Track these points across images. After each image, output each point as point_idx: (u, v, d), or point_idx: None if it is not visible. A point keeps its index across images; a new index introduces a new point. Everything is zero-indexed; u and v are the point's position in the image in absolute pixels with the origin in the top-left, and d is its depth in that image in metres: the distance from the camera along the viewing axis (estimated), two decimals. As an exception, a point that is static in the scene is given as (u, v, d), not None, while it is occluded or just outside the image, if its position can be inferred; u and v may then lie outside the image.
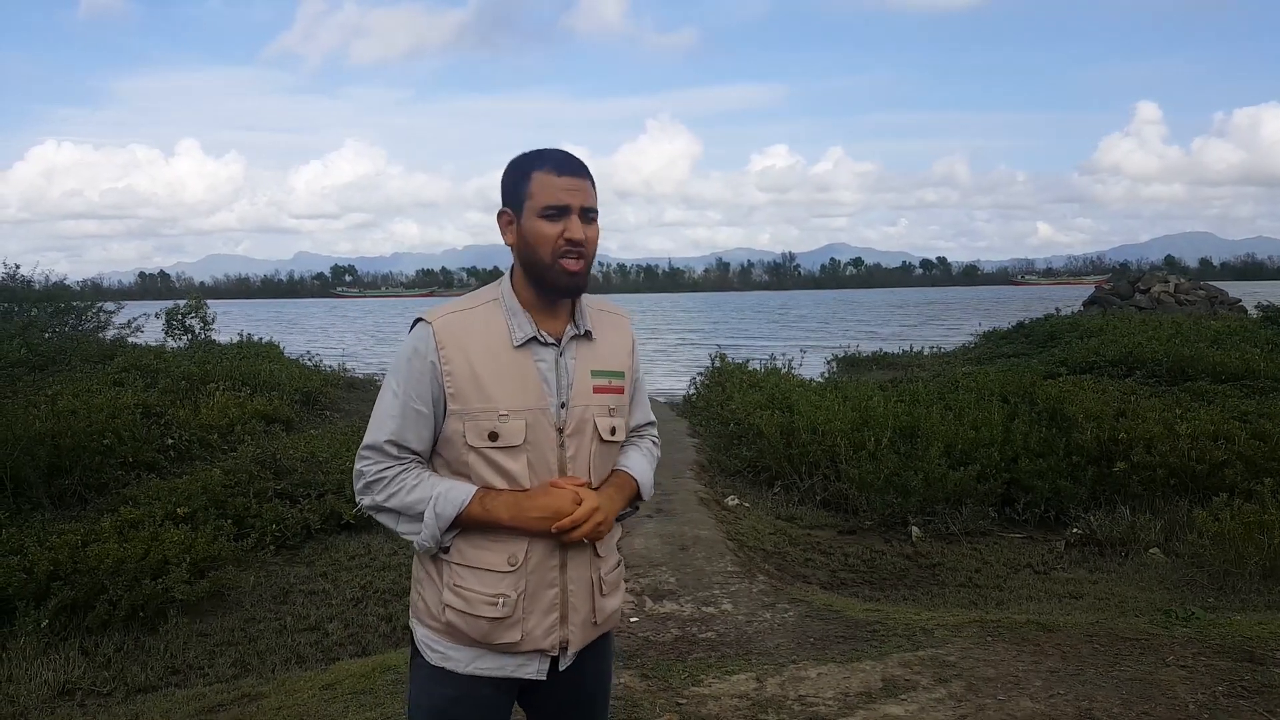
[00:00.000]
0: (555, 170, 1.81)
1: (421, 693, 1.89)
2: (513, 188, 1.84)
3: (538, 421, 1.81)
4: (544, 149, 1.87)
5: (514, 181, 1.84)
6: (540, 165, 1.82)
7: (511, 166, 1.86)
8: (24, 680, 4.76)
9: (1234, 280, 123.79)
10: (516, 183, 1.83)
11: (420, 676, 1.90)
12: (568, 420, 1.84)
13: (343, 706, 3.92)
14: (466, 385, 1.79)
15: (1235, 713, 3.44)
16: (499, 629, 1.81)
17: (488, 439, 1.79)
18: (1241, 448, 7.47)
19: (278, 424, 11.66)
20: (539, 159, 1.83)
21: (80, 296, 21.88)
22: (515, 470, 1.81)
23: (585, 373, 1.88)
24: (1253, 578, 5.59)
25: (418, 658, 1.91)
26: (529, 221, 1.81)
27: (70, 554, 5.73)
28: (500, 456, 1.80)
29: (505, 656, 1.85)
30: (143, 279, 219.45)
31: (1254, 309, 21.28)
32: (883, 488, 7.56)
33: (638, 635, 4.57)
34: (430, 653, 1.87)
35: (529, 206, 1.81)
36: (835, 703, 3.66)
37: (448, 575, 1.84)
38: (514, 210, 1.84)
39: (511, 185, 1.85)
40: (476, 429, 1.79)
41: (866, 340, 26.46)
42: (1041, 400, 9.25)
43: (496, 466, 1.80)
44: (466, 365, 1.79)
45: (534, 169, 1.82)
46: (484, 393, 1.79)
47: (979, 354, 19.90)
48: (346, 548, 7.09)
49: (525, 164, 1.84)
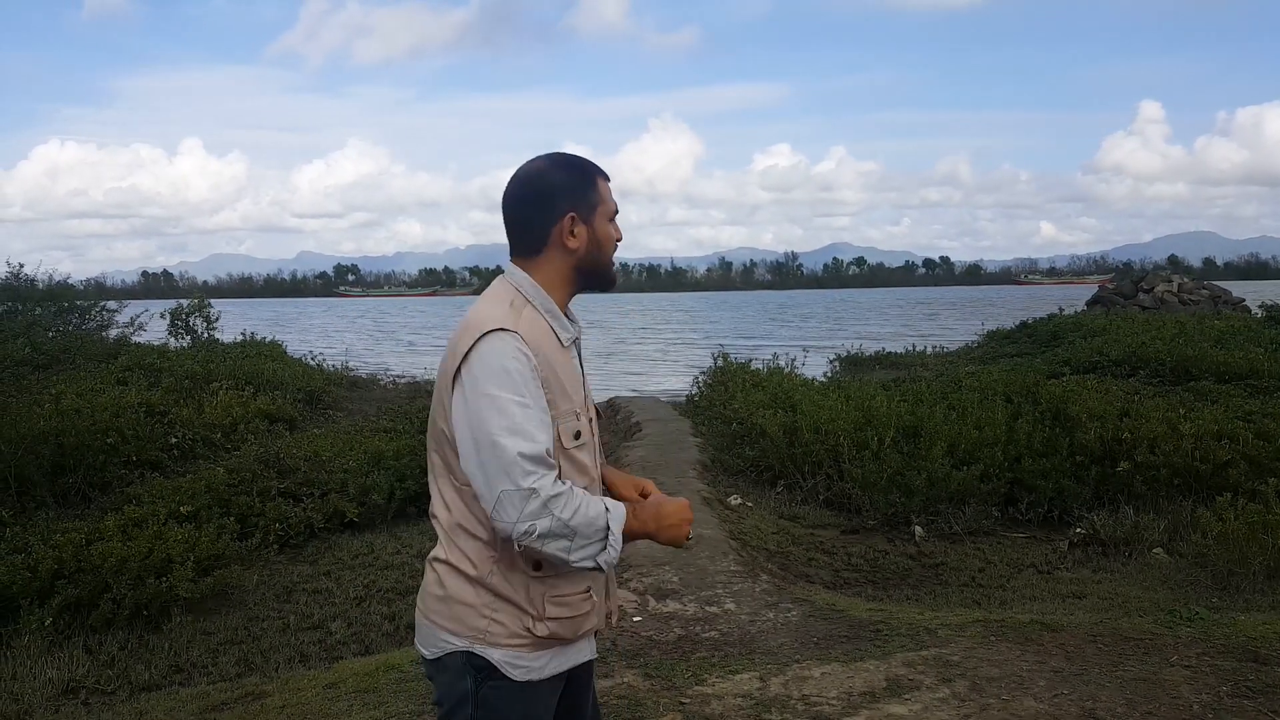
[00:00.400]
0: (606, 178, 1.95)
1: (503, 715, 1.83)
2: (581, 193, 1.89)
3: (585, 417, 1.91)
4: (583, 157, 1.96)
5: (583, 186, 1.90)
6: (599, 173, 1.93)
7: (574, 170, 1.91)
8: (28, 678, 4.77)
9: (1238, 280, 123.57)
10: (585, 188, 1.90)
11: (498, 701, 1.81)
12: (590, 412, 1.95)
13: (346, 705, 3.92)
14: (556, 388, 1.80)
15: (1240, 713, 3.44)
16: (589, 619, 1.89)
17: (574, 438, 1.83)
18: (1245, 448, 7.45)
19: (281, 423, 11.68)
20: (595, 167, 1.94)
21: (84, 296, 21.90)
22: (589, 465, 1.88)
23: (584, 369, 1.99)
24: (1257, 578, 5.58)
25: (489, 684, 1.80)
26: (601, 225, 1.91)
27: (74, 552, 5.75)
28: (582, 455, 1.85)
29: (575, 646, 1.90)
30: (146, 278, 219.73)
31: (1258, 309, 21.24)
32: (886, 487, 7.55)
33: (641, 634, 4.57)
34: (515, 670, 1.81)
35: (601, 211, 1.91)
36: (839, 702, 3.66)
37: (539, 590, 1.80)
38: (583, 214, 1.89)
39: (579, 190, 1.89)
40: (568, 430, 1.82)
41: (870, 340, 26.43)
42: (1045, 400, 9.24)
43: (578, 465, 1.84)
44: (551, 369, 1.80)
45: (597, 175, 1.92)
46: (566, 394, 1.83)
47: (982, 354, 19.89)
48: (349, 547, 7.10)
49: (589, 170, 1.92)
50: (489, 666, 1.80)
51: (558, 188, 1.87)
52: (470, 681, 1.81)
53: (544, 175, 1.89)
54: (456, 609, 1.81)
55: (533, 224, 1.88)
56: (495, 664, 1.80)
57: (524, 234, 1.90)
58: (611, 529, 1.73)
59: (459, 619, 1.81)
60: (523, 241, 1.90)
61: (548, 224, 1.87)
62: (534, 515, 1.66)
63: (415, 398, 15.24)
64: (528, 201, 1.89)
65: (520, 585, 1.79)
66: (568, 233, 1.87)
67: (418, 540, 7.11)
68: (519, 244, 1.91)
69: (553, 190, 1.87)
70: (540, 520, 1.66)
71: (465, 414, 1.72)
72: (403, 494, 7.86)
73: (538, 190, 1.88)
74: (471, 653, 1.80)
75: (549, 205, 1.87)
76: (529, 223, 1.88)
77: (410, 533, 7.39)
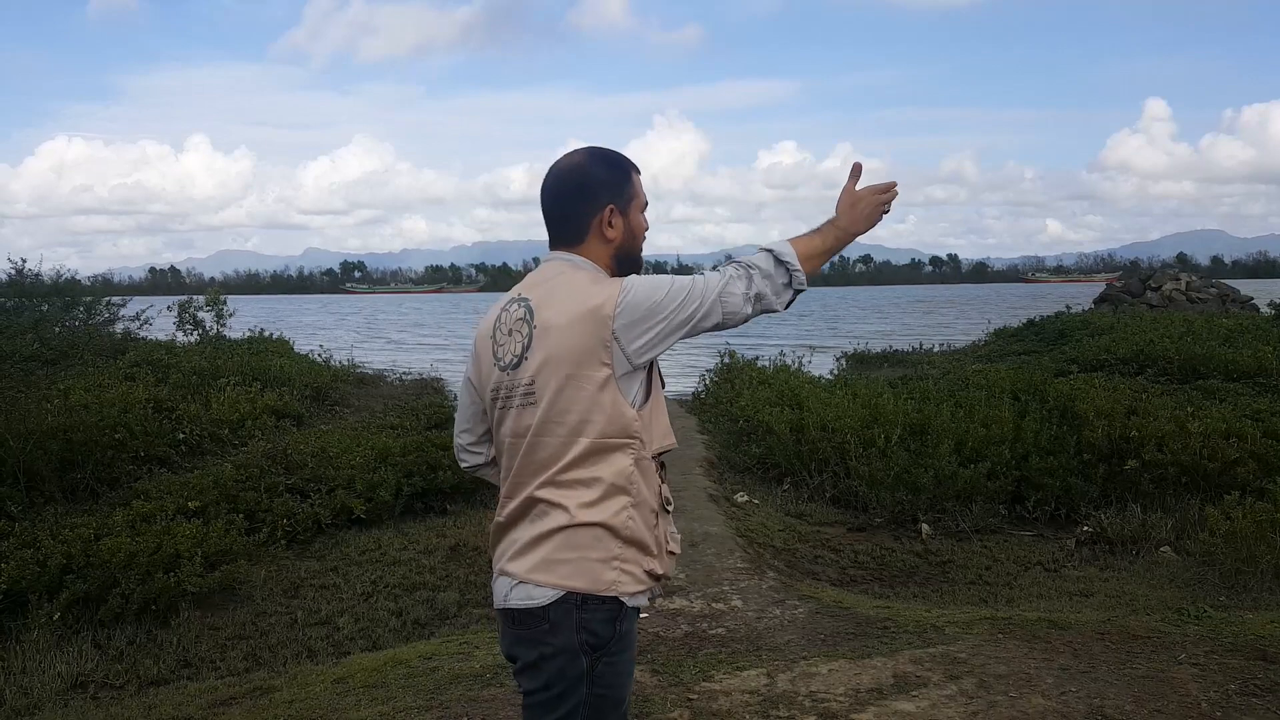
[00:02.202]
0: (638, 171, 2.09)
1: (614, 687, 1.93)
2: (620, 186, 2.04)
3: None
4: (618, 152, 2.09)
5: (620, 181, 2.05)
6: (634, 167, 2.08)
7: (612, 166, 2.05)
8: (37, 673, 4.79)
9: (1246, 278, 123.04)
10: (623, 182, 2.05)
11: (614, 671, 1.93)
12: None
13: (355, 700, 3.93)
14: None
15: (1248, 711, 3.43)
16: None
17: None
18: (1254, 446, 7.42)
19: (288, 419, 11.69)
20: (630, 162, 2.08)
21: (91, 292, 21.93)
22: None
23: None
24: (1265, 576, 5.56)
25: (610, 652, 1.91)
26: (637, 216, 2.07)
27: (83, 547, 5.76)
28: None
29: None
30: (154, 274, 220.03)
31: (1266, 307, 21.15)
32: (893, 485, 7.55)
33: (648, 631, 4.58)
34: (633, 610, 1.97)
35: (636, 203, 2.06)
36: (846, 699, 3.66)
37: (664, 526, 2.02)
38: (621, 206, 2.03)
39: (617, 184, 2.04)
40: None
41: (875, 339, 26.39)
42: (1052, 398, 9.22)
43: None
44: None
45: (633, 170, 2.08)
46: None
47: (989, 351, 19.83)
48: (357, 543, 7.11)
49: (626, 165, 2.07)
50: (615, 623, 1.93)
51: (598, 181, 2.01)
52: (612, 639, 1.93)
53: (584, 169, 2.01)
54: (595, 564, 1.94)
55: (574, 216, 2.00)
56: (633, 604, 1.97)
57: (565, 225, 2.02)
58: (787, 261, 1.98)
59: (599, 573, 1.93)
60: (564, 232, 2.02)
61: (588, 215, 2.00)
62: (749, 282, 1.96)
63: (423, 394, 15.26)
64: (569, 194, 2.01)
65: (649, 525, 1.97)
66: (606, 224, 2.00)
67: (424, 537, 7.12)
68: (560, 234, 2.03)
69: (593, 184, 2.00)
70: (754, 286, 1.96)
71: (666, 293, 1.92)
72: (410, 490, 7.87)
73: (578, 183, 2.01)
74: (611, 600, 1.93)
75: (590, 198, 2.00)
76: (570, 214, 2.01)
77: (417, 529, 7.40)
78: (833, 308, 67.73)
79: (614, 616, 1.89)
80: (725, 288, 1.94)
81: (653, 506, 1.97)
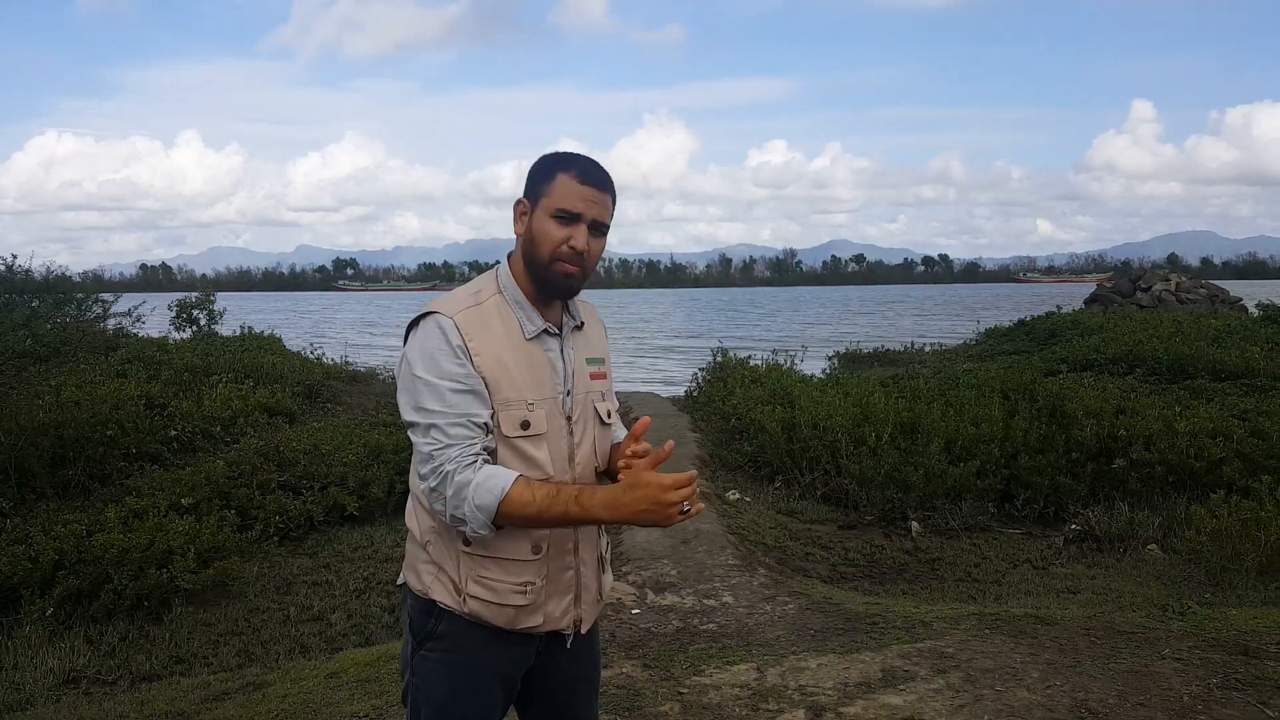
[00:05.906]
0: (579, 177, 1.82)
1: (428, 682, 1.88)
2: (535, 182, 1.85)
3: (552, 410, 1.86)
4: (577, 153, 1.88)
5: (538, 176, 1.85)
6: (567, 168, 1.83)
7: (540, 161, 1.88)
8: (29, 668, 4.81)
9: (1235, 279, 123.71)
10: (540, 178, 1.85)
11: (428, 668, 1.88)
12: (573, 408, 1.90)
13: (348, 694, 3.96)
14: (499, 375, 1.80)
15: (1228, 704, 3.48)
16: (523, 615, 1.85)
17: (520, 428, 1.81)
18: (1240, 445, 7.50)
19: (280, 416, 11.68)
20: (568, 162, 1.84)
21: (82, 288, 21.85)
22: (541, 459, 1.83)
23: (582, 361, 1.95)
24: (1249, 574, 5.62)
25: (426, 647, 1.88)
26: (540, 219, 1.83)
27: (75, 543, 5.78)
28: (529, 445, 1.82)
29: (518, 642, 1.90)
30: (145, 271, 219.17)
31: (1255, 308, 21.28)
32: (883, 483, 7.59)
33: (639, 626, 4.61)
34: (456, 615, 1.86)
35: (544, 204, 1.82)
36: (835, 692, 3.70)
37: (468, 566, 1.84)
38: (531, 203, 1.86)
39: (535, 179, 1.86)
40: (510, 418, 1.80)
41: (867, 339, 26.47)
42: (1042, 397, 9.28)
43: (525, 456, 1.81)
44: (494, 356, 1.80)
45: (560, 170, 1.83)
46: (514, 382, 1.81)
47: (980, 351, 19.92)
48: (349, 539, 7.13)
49: (554, 163, 1.85)
50: (417, 627, 1.90)
51: (527, 176, 1.89)
52: (413, 642, 1.93)
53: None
54: (419, 563, 1.91)
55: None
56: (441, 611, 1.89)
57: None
58: (467, 516, 1.72)
59: (423, 573, 1.89)
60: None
61: (514, 210, 1.91)
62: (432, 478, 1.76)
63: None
64: None
65: (453, 551, 1.84)
66: (516, 219, 1.89)
67: (417, 533, 7.14)
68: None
69: (526, 179, 1.89)
70: (430, 482, 1.76)
71: (404, 387, 1.82)
72: (402, 487, 7.89)
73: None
74: (411, 602, 1.93)
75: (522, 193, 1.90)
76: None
77: (409, 526, 7.43)
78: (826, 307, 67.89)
79: (429, 612, 1.88)
80: (421, 450, 1.77)
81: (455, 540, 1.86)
